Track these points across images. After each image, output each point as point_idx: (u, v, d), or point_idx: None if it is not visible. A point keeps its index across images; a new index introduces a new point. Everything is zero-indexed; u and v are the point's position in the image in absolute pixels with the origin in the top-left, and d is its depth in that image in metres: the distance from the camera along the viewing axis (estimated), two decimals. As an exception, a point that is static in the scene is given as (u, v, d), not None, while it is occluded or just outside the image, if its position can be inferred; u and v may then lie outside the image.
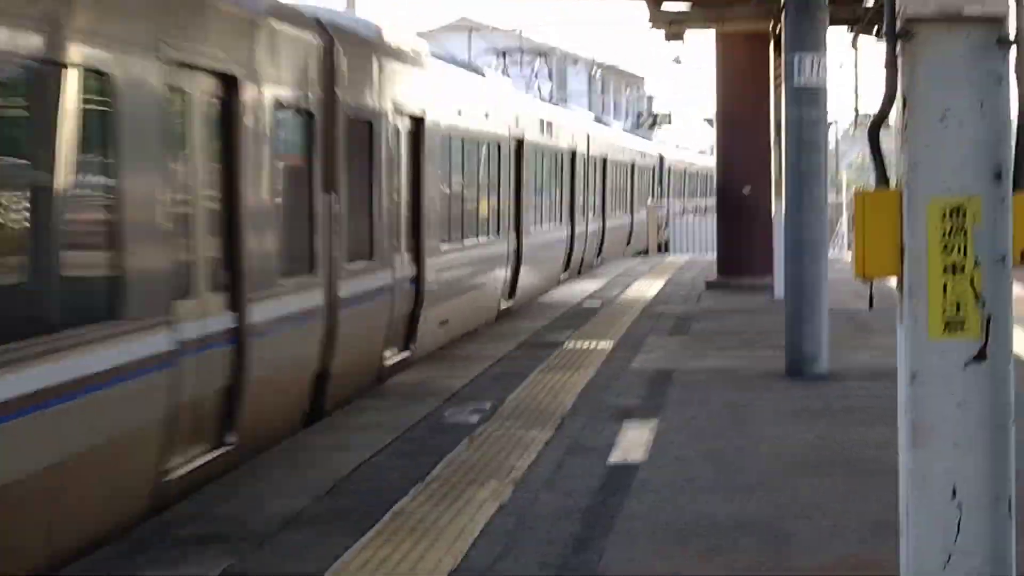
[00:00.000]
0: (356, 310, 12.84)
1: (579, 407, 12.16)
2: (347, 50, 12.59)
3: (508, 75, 43.83)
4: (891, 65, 6.02)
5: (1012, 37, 6.01)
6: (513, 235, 21.21)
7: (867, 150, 6.43)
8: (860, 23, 22.88)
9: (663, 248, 40.51)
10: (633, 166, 38.02)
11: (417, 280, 15.17)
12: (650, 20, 23.41)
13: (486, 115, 18.73)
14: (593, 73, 67.19)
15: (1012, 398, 5.80)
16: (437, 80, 16.19)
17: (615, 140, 35.36)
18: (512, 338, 17.40)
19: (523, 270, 21.79)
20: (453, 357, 15.63)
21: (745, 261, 24.27)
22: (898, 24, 5.99)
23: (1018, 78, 6.10)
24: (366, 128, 13.40)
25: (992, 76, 5.99)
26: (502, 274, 20.29)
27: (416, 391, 13.23)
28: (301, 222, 11.76)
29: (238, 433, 10.00)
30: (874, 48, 23.96)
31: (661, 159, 44.47)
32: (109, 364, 7.92)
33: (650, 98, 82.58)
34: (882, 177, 6.18)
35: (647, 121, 32.18)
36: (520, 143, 21.58)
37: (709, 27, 23.40)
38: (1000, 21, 6.01)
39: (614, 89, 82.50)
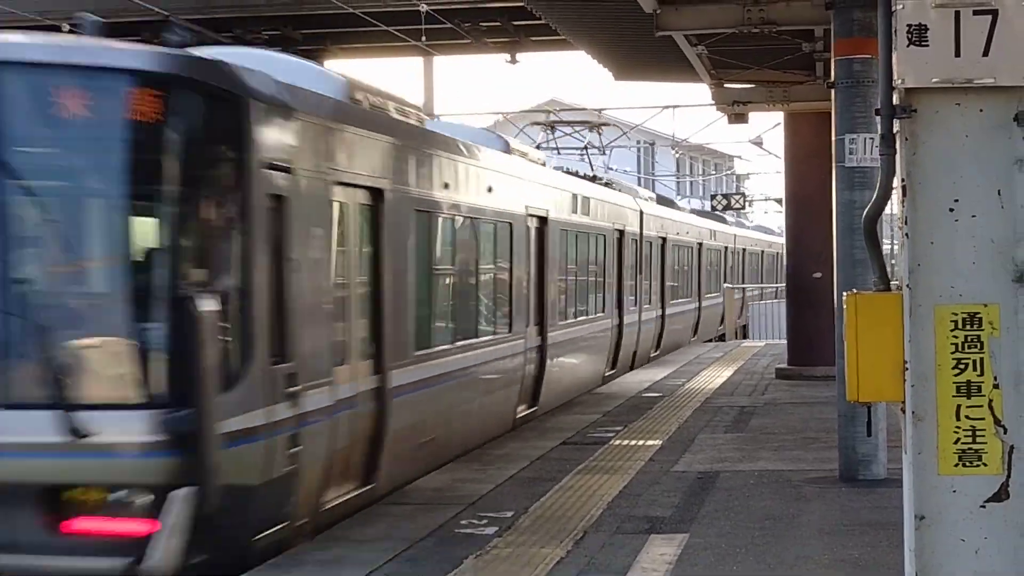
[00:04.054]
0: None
1: (605, 518, 11.21)
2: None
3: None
4: (888, 146, 5.01)
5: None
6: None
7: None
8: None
9: (742, 333, 39.34)
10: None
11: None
12: (713, 100, 22.62)
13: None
14: (676, 153, 66.30)
15: (1041, 546, 4.76)
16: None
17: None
18: (558, 433, 16.49)
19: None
20: (488, 457, 14.75)
21: (816, 349, 23.16)
22: (896, 97, 5.00)
23: (1041, 160, 5.04)
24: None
25: (1011, 159, 4.96)
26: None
27: (438, 496, 12.36)
28: None
29: None
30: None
31: (734, 239, 43.19)
32: None
33: (738, 177, 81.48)
34: (881, 278, 5.17)
35: (721, 203, 31.21)
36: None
37: (773, 108, 22.54)
38: (1020, 92, 4.98)
39: (703, 170, 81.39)
